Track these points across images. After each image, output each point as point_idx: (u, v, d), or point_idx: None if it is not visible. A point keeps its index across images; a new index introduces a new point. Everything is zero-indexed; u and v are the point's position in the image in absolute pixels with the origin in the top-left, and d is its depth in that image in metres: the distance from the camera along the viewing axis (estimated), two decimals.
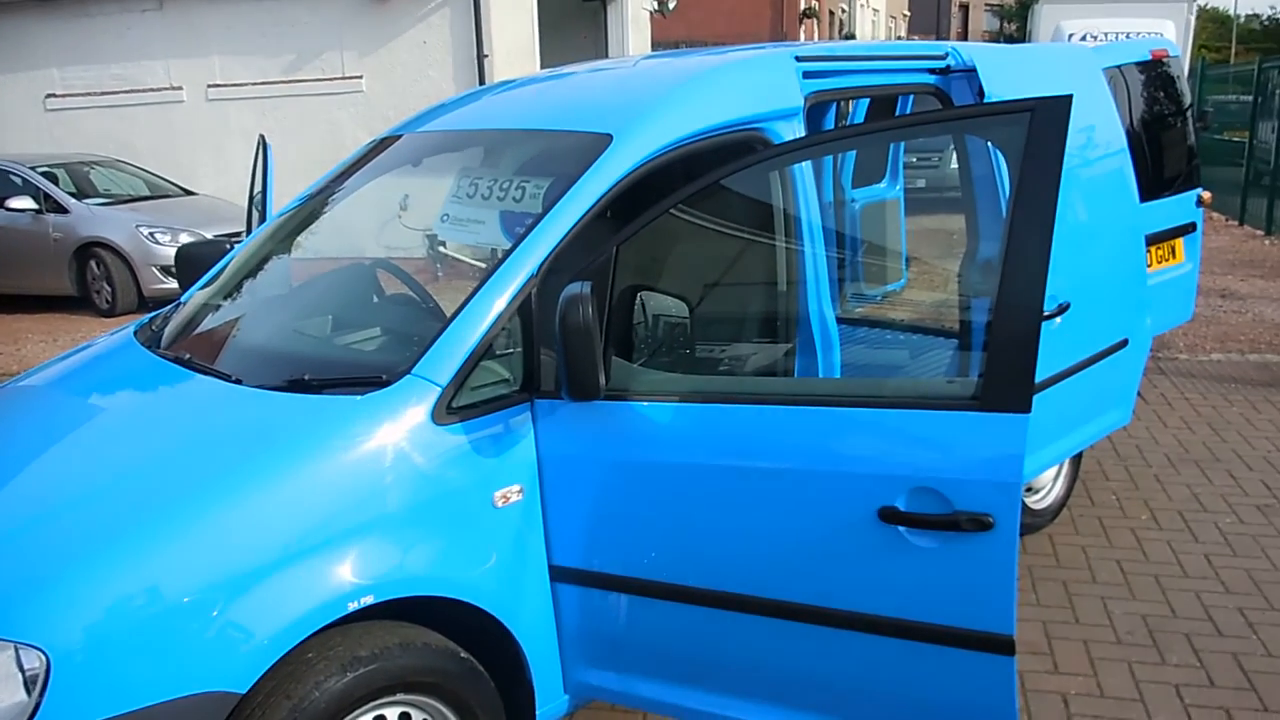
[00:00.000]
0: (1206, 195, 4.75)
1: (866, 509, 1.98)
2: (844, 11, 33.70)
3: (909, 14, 47.21)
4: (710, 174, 2.37)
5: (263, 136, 4.70)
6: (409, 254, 3.44)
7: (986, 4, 52.12)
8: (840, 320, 5.27)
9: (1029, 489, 3.98)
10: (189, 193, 10.66)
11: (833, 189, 5.21)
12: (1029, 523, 3.95)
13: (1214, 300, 8.18)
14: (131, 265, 9.32)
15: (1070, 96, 2.03)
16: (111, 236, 9.32)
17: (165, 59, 11.69)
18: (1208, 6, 33.91)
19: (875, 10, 39.36)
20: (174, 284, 9.29)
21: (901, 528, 1.96)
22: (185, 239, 8.99)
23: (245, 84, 11.51)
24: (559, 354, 2.10)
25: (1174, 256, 4.69)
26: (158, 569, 1.88)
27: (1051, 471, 4.04)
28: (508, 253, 2.39)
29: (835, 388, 2.53)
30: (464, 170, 3.04)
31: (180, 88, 11.78)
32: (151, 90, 11.86)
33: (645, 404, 2.23)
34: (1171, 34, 13.91)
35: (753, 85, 2.86)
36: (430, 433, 2.17)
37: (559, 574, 2.36)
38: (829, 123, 4.62)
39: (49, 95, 12.22)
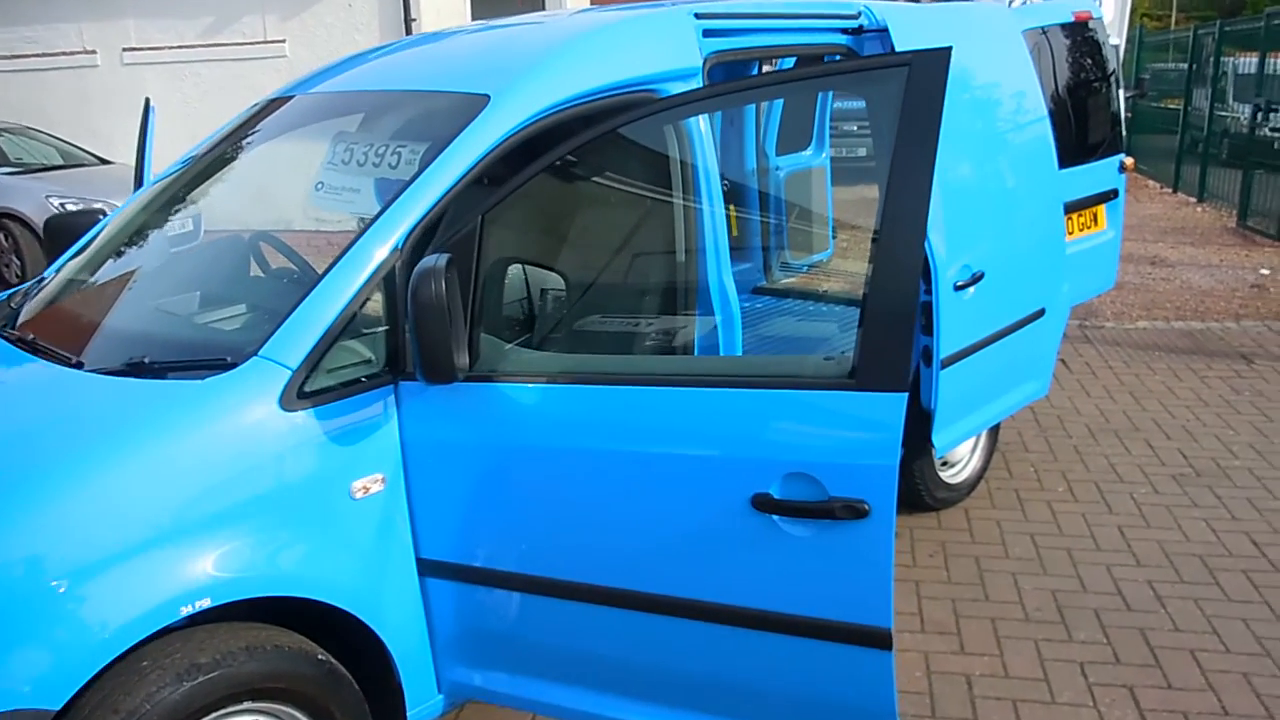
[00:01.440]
0: (1129, 161, 4.69)
1: (739, 496, 1.85)
2: None
3: None
4: (572, 139, 2.21)
5: (147, 100, 4.44)
6: (292, 225, 3.24)
7: None
8: (764, 291, 5.22)
9: (945, 463, 3.91)
10: (105, 161, 10.21)
11: (755, 156, 5.08)
12: (945, 497, 3.89)
13: (1144, 268, 8.23)
14: (41, 237, 8.90)
15: (949, 49, 1.91)
16: (19, 207, 8.89)
17: (78, 21, 11.17)
18: None
19: None
20: None
21: (775, 516, 1.84)
22: (99, 209, 8.61)
23: (162, 48, 11.04)
24: (411, 333, 1.94)
25: (1096, 224, 4.63)
26: None
27: (968, 444, 3.98)
28: (369, 223, 2.22)
29: (708, 367, 2.40)
30: (340, 135, 2.85)
31: (94, 51, 11.27)
32: (64, 54, 11.34)
33: (512, 386, 2.08)
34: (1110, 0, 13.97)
35: (646, 44, 2.70)
36: (278, 420, 2.00)
37: (427, 568, 2.22)
38: None
39: None
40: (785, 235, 5.25)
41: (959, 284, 3.33)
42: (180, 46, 11.05)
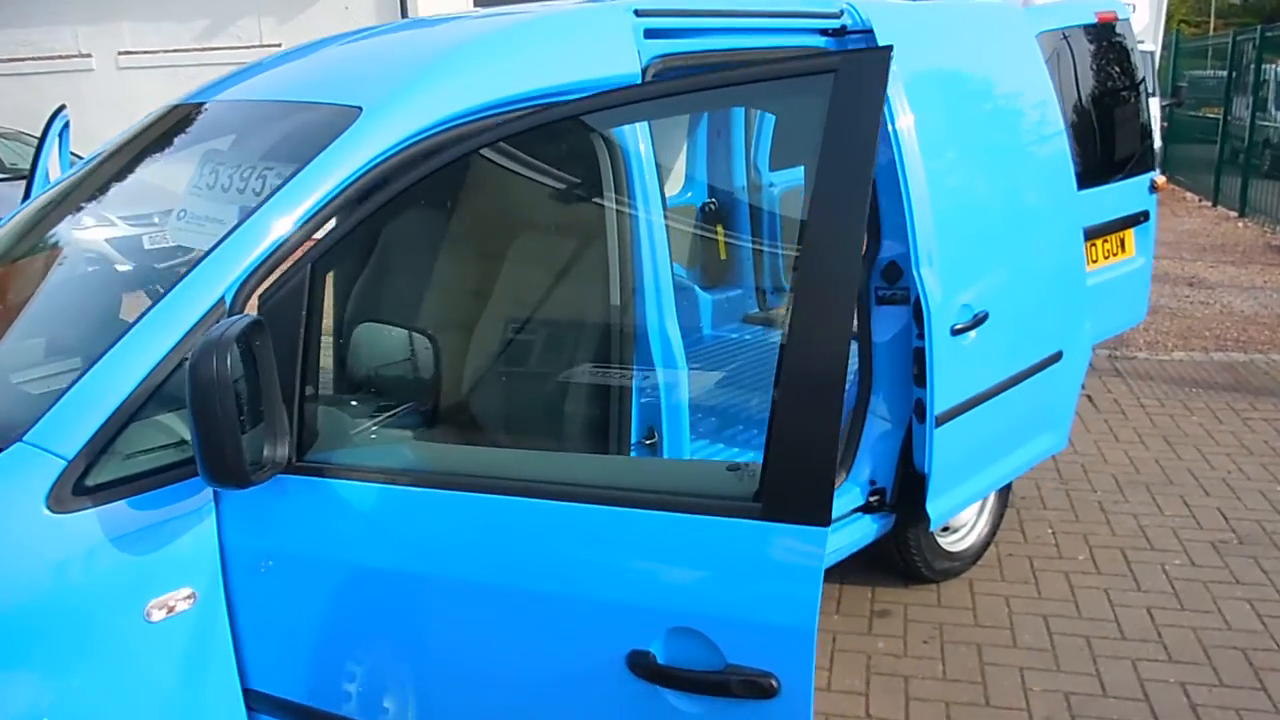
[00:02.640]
0: (1161, 180, 4.16)
1: (613, 653, 1.38)
2: None
3: None
4: (437, 159, 1.76)
5: (62, 106, 4.04)
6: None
7: None
8: (755, 320, 4.73)
9: (946, 529, 3.40)
10: None
11: (745, 171, 4.60)
12: (946, 568, 3.38)
13: (1180, 290, 7.64)
14: None
15: (888, 49, 1.44)
16: None
17: (74, 24, 10.90)
18: None
19: None
20: None
21: (660, 686, 1.36)
22: (90, 222, 8.30)
23: (158, 51, 10.74)
24: (190, 422, 1.48)
25: (1123, 250, 4.11)
26: None
27: (973, 508, 3.47)
28: (190, 268, 1.77)
29: (584, 471, 1.85)
30: (209, 154, 2.40)
31: (90, 55, 11.00)
32: (60, 57, 11.07)
33: (347, 484, 1.62)
34: (1144, 4, 13.32)
35: (565, 47, 2.24)
36: (43, 525, 1.56)
37: (258, 702, 1.76)
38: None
39: None
40: (780, 258, 4.77)
41: (957, 327, 2.83)
42: (176, 50, 10.74)
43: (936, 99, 2.84)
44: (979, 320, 2.90)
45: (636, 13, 2.35)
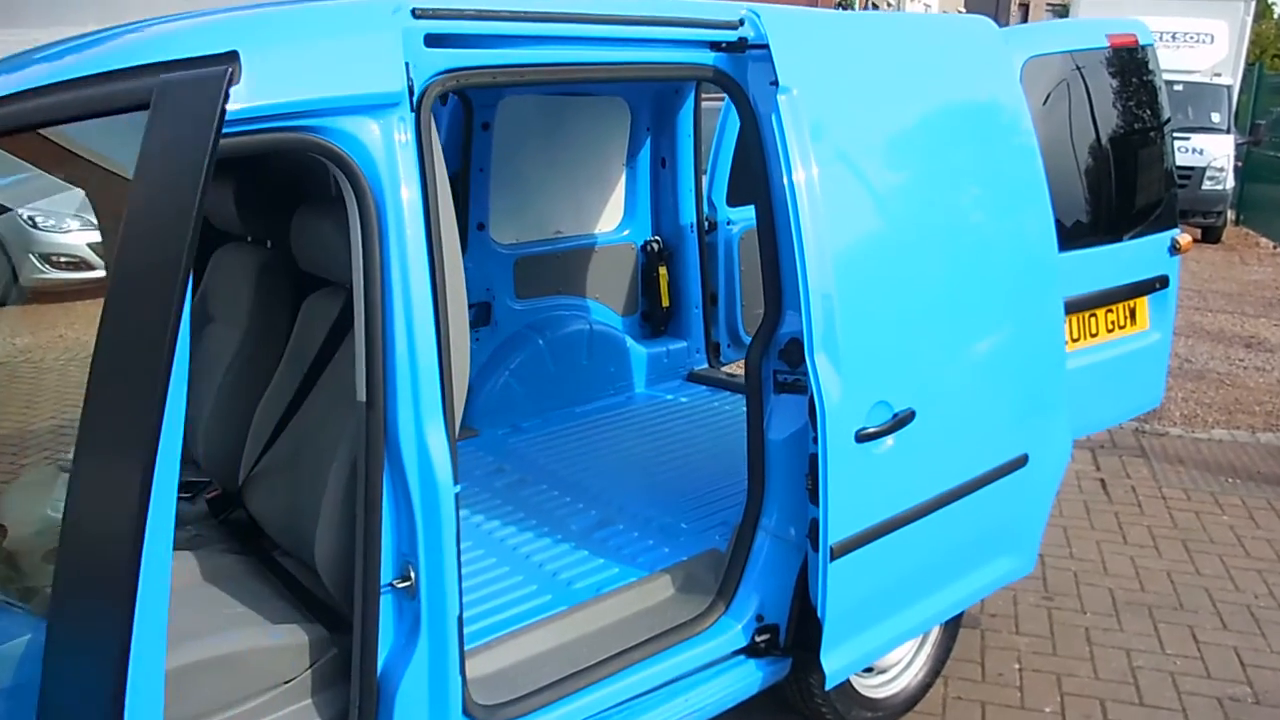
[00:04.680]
0: (1185, 240, 3.43)
1: None
2: (890, 6, 32.02)
3: (963, 10, 45.19)
4: None
5: None
6: None
7: (1048, 2, 49.75)
8: (699, 379, 4.09)
9: (868, 670, 2.73)
10: None
11: (694, 207, 3.98)
12: (868, 716, 2.70)
13: (1235, 352, 6.77)
14: (8, 252, 8.35)
15: (225, 70, 0.86)
16: None
17: (83, 24, 10.70)
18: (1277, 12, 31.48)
19: (927, 6, 37.49)
20: (59, 274, 8.36)
21: None
22: (73, 225, 8.06)
23: None
24: None
25: (1133, 322, 3.38)
26: None
27: (907, 644, 2.78)
28: None
29: None
30: None
31: None
32: None
33: None
34: (1224, 35, 12.35)
35: (287, 56, 1.67)
36: None
37: None
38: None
39: None
40: (739, 306, 4.13)
41: (866, 432, 2.19)
42: None
43: (852, 136, 2.22)
44: (900, 422, 2.25)
45: (414, 13, 1.78)
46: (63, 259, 8.43)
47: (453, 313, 1.87)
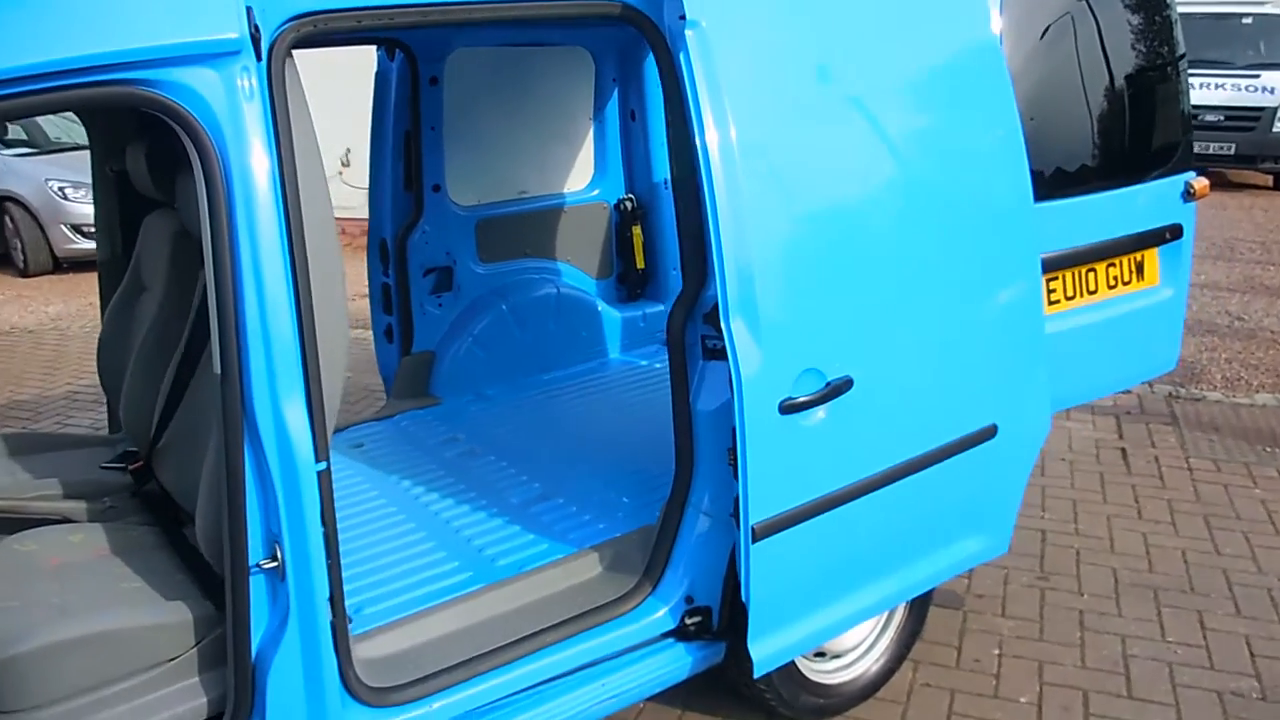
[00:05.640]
0: (1200, 184, 3.11)
1: None
2: None
3: None
4: None
5: None
6: None
7: None
8: None
9: (819, 653, 2.54)
10: None
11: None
12: (816, 705, 2.51)
13: None
14: (40, 223, 8.50)
15: None
16: (19, 190, 8.51)
17: None
18: None
19: None
20: (89, 245, 8.44)
21: None
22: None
23: None
24: None
25: (1140, 277, 3.08)
26: None
27: (865, 626, 2.59)
28: None
29: None
30: None
31: None
32: None
33: None
34: None
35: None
36: None
37: None
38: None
39: None
40: None
41: (792, 402, 2.00)
42: None
43: (779, 75, 2.00)
44: (834, 391, 2.05)
45: None
46: (91, 229, 8.61)
47: (320, 281, 1.73)
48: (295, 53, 1.76)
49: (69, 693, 1.73)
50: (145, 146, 2.35)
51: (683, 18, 1.90)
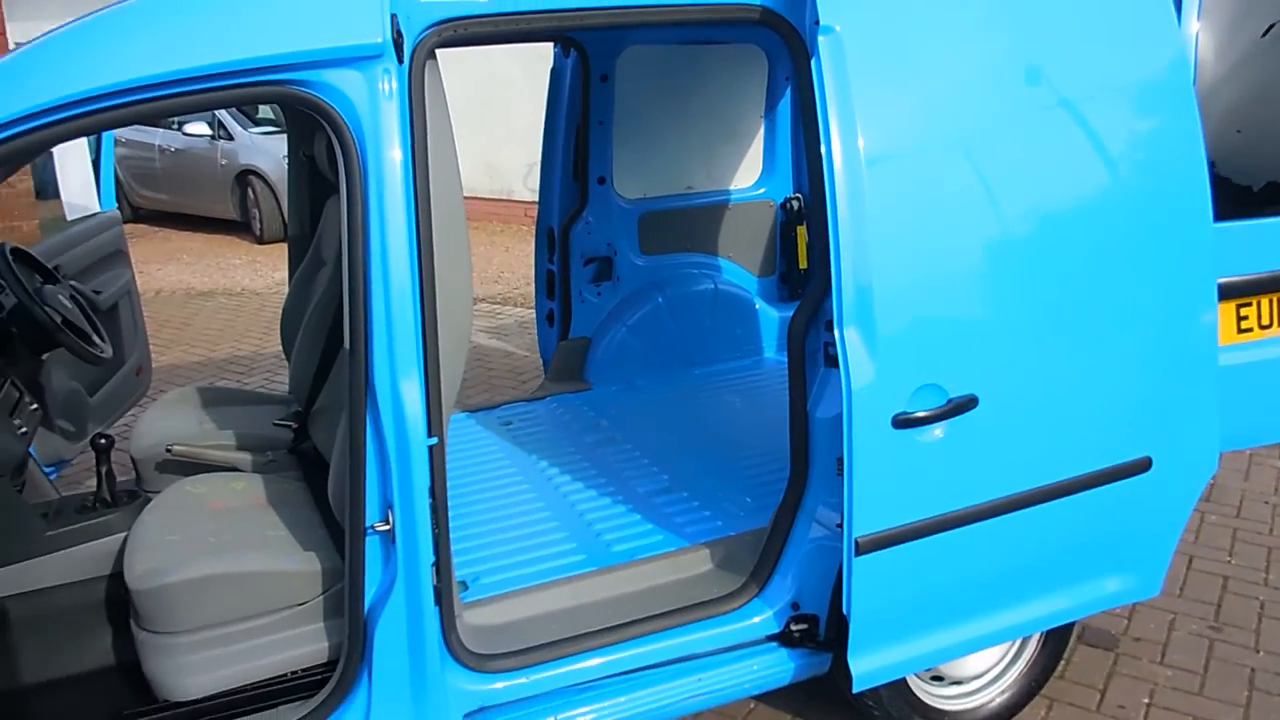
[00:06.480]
0: None
1: None
2: None
3: None
4: None
5: None
6: None
7: None
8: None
9: (936, 677, 2.45)
10: None
11: None
12: None
13: None
14: (276, 195, 9.37)
15: None
16: (261, 165, 9.41)
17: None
18: None
19: None
20: None
21: None
22: None
23: None
24: None
25: None
26: None
27: (991, 655, 2.46)
28: None
29: None
30: None
31: None
32: None
33: None
34: None
35: (267, 10, 1.71)
36: None
37: None
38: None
39: None
40: None
41: (907, 416, 1.94)
42: None
43: (920, 78, 1.94)
44: (956, 408, 1.97)
45: None
46: None
47: (446, 270, 1.84)
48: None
49: (210, 622, 1.94)
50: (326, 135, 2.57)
51: (817, 23, 1.87)
